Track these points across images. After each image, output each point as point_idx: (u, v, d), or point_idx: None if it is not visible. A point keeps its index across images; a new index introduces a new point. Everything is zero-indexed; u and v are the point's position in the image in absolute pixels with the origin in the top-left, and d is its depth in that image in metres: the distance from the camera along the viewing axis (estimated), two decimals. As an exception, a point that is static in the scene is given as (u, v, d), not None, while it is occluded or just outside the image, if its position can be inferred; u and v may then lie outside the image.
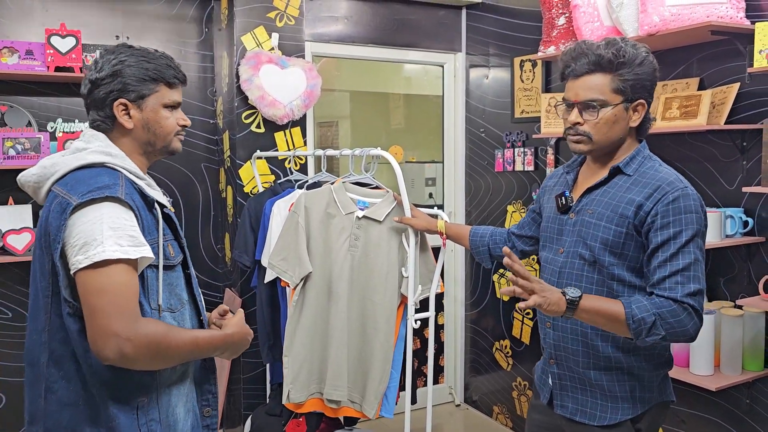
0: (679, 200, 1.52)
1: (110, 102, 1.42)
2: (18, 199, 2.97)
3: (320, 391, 2.42)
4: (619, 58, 1.55)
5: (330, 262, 2.38)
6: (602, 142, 1.61)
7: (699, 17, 2.28)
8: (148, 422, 1.36)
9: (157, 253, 1.37)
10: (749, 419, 2.41)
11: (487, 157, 3.68)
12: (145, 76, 1.43)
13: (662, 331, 1.48)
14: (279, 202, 2.69)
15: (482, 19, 3.68)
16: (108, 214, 1.29)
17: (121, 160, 1.41)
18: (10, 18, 2.98)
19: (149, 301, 1.36)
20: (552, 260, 1.72)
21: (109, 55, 1.44)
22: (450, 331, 4.00)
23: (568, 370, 1.69)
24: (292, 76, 3.14)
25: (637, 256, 1.58)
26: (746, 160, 2.39)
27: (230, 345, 1.47)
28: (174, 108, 1.50)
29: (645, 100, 1.60)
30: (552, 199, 1.76)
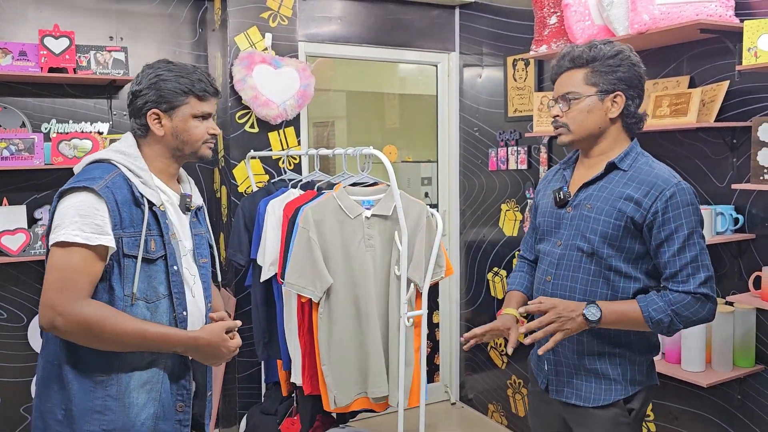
0: (676, 195, 1.61)
1: (145, 111, 1.60)
2: (12, 200, 2.97)
3: (365, 390, 2.47)
4: (592, 53, 1.68)
5: (352, 268, 2.40)
6: (580, 131, 1.71)
7: (688, 15, 2.29)
8: (104, 397, 1.50)
9: (138, 245, 1.49)
10: (741, 415, 2.42)
11: (481, 156, 3.70)
12: (177, 89, 1.59)
13: (680, 325, 1.62)
14: (273, 201, 2.70)
15: (475, 18, 3.69)
16: (81, 202, 1.45)
17: (128, 159, 1.56)
18: (4, 19, 2.99)
19: (123, 287, 1.49)
20: (550, 252, 1.78)
21: (149, 69, 1.63)
22: (445, 330, 4.01)
23: (563, 356, 1.76)
24: (285, 76, 3.15)
25: (633, 248, 1.66)
26: (736, 157, 2.41)
27: (193, 348, 1.54)
28: (204, 118, 1.64)
29: (623, 93, 1.68)
30: (549, 194, 1.83)
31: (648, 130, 2.51)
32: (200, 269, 1.69)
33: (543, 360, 1.81)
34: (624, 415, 1.71)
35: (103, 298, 1.49)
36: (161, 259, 1.55)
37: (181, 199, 1.67)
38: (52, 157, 2.88)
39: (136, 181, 1.53)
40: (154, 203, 1.55)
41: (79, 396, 1.49)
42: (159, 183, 1.62)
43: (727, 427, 2.46)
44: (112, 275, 1.49)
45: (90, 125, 3.15)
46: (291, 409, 2.87)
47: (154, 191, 1.55)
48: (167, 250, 1.55)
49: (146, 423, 1.54)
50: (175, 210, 1.65)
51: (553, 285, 1.75)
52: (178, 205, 1.66)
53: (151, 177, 1.58)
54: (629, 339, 1.71)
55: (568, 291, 1.72)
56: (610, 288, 1.68)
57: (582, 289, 1.70)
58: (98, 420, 1.49)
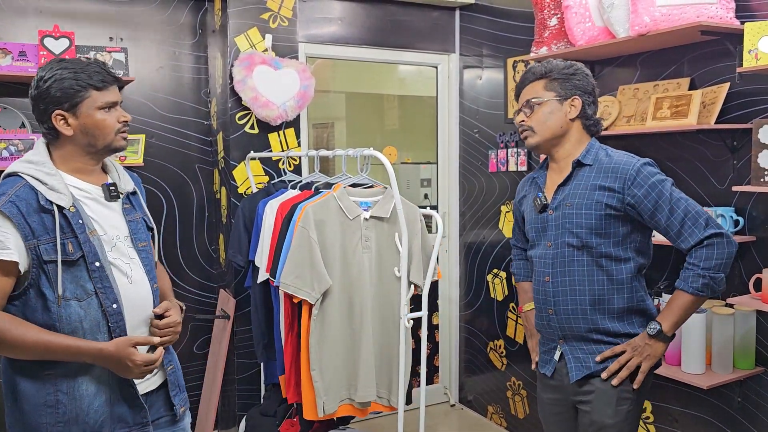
0: (641, 171, 1.80)
1: (49, 114, 1.59)
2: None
3: (350, 396, 2.45)
4: (549, 66, 1.91)
5: (348, 269, 2.39)
6: (544, 132, 1.90)
7: (689, 17, 2.29)
8: (55, 392, 1.57)
9: (56, 250, 1.53)
10: (741, 417, 2.42)
11: (481, 158, 3.69)
12: (74, 86, 1.58)
13: (720, 274, 1.76)
14: (272, 202, 2.70)
15: (475, 20, 3.69)
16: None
17: (35, 167, 1.58)
18: (4, 19, 2.99)
19: (54, 290, 1.54)
20: (543, 254, 1.94)
21: (42, 72, 1.61)
22: (444, 332, 4.01)
23: (576, 342, 1.91)
24: (285, 77, 3.14)
25: (618, 231, 1.84)
26: (736, 159, 2.40)
27: (99, 359, 1.57)
28: (111, 108, 1.63)
29: (579, 97, 1.89)
30: (529, 203, 2.02)
31: (648, 131, 2.51)
32: (140, 253, 1.70)
33: (555, 351, 1.96)
34: (628, 390, 1.85)
35: (37, 303, 1.55)
36: (82, 258, 1.57)
37: (103, 189, 1.67)
38: (51, 157, 2.87)
39: (43, 188, 1.55)
40: (64, 207, 1.56)
41: (30, 394, 1.57)
42: (75, 181, 1.63)
43: (727, 430, 2.46)
44: (40, 281, 1.54)
45: (90, 126, 3.15)
46: (290, 411, 2.86)
47: (62, 194, 1.56)
48: (84, 249, 1.57)
49: (100, 409, 1.60)
50: (98, 203, 1.65)
51: (553, 283, 1.91)
52: (102, 197, 1.66)
53: (60, 180, 1.58)
54: (632, 320, 1.88)
55: (568, 285, 1.88)
56: (605, 273, 1.85)
57: (580, 280, 1.86)
58: (51, 413, 1.57)
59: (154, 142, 3.29)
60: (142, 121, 3.27)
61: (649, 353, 1.82)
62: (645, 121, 2.57)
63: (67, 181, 1.60)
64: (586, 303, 1.86)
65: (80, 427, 1.58)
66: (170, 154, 3.35)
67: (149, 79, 3.28)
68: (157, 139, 3.28)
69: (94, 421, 1.60)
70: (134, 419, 1.66)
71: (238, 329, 3.21)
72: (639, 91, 2.69)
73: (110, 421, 1.62)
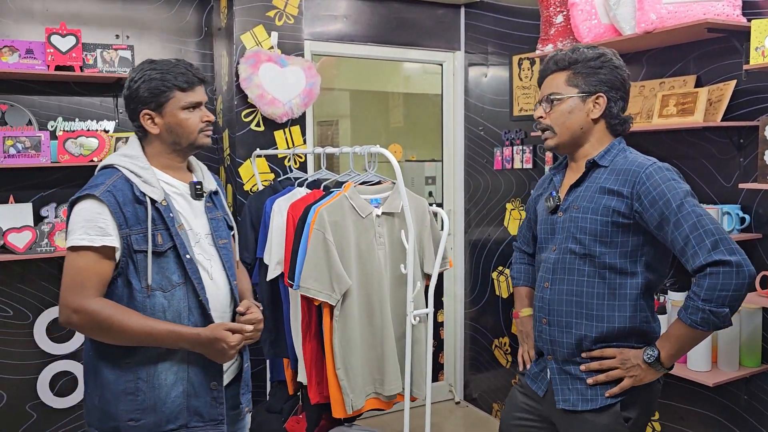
0: (653, 175, 1.60)
1: (138, 114, 1.68)
2: (19, 197, 2.98)
3: (375, 390, 2.46)
4: (574, 55, 1.71)
5: (365, 267, 2.40)
6: (563, 132, 1.73)
7: (696, 15, 2.29)
8: (135, 380, 1.61)
9: (147, 241, 1.59)
10: (747, 415, 2.42)
11: (486, 155, 3.69)
12: (160, 87, 1.65)
13: (724, 309, 1.52)
14: (279, 200, 2.70)
15: (481, 17, 3.69)
16: (85, 208, 1.58)
17: (130, 161, 1.65)
18: (11, 17, 3.00)
19: (140, 280, 1.59)
20: (547, 258, 1.79)
21: (132, 73, 1.69)
22: (449, 329, 4.01)
23: (564, 363, 1.75)
24: (291, 74, 3.15)
25: (626, 241, 1.65)
26: (743, 156, 2.40)
27: (197, 344, 1.61)
28: (195, 108, 1.69)
29: (605, 95, 1.70)
30: (543, 203, 1.87)
31: (654, 129, 2.50)
32: (220, 250, 1.75)
33: (545, 369, 1.80)
34: (620, 423, 1.67)
35: (123, 292, 1.60)
36: (171, 250, 1.62)
37: (190, 187, 1.73)
38: (58, 155, 2.88)
39: (137, 181, 1.62)
40: (156, 200, 1.62)
41: (111, 380, 1.61)
42: (165, 177, 1.70)
43: (733, 427, 2.46)
44: (128, 271, 1.59)
45: (96, 123, 3.16)
46: (296, 408, 2.87)
47: (155, 188, 1.63)
48: (176, 241, 1.62)
49: (176, 400, 1.64)
50: (185, 199, 1.71)
51: (551, 291, 1.75)
52: (189, 194, 1.73)
53: (153, 174, 1.65)
54: (630, 341, 1.70)
55: (565, 294, 1.72)
56: (606, 287, 1.66)
57: (578, 291, 1.69)
58: (131, 400, 1.61)
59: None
60: (148, 118, 3.28)
61: (636, 374, 1.63)
62: (651, 118, 2.56)
63: (158, 176, 1.68)
64: (581, 317, 1.68)
65: (156, 416, 1.62)
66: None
67: (155, 77, 3.28)
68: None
69: (171, 411, 1.63)
70: (209, 414, 1.68)
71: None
72: (645, 88, 2.68)
73: (186, 414, 1.65)
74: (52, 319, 3.09)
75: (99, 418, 1.63)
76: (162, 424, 1.62)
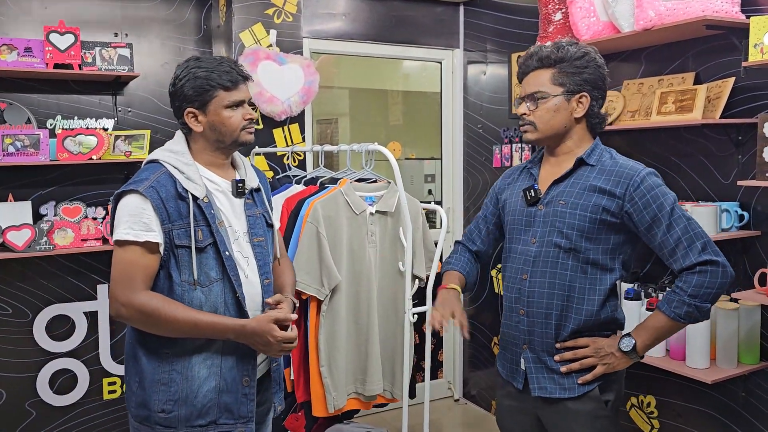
0: (646, 179, 1.68)
1: (182, 111, 1.70)
2: (18, 195, 2.98)
3: (356, 390, 2.46)
4: (560, 53, 1.73)
5: (356, 265, 2.40)
6: (546, 130, 1.76)
7: (694, 12, 2.29)
8: (170, 370, 1.65)
9: (189, 236, 1.62)
10: (745, 412, 2.42)
11: (485, 153, 3.69)
12: (204, 85, 1.66)
13: (707, 304, 1.64)
14: (277, 197, 2.70)
15: (479, 15, 3.69)
16: (130, 203, 1.61)
17: (175, 156, 1.68)
18: (9, 15, 3.00)
19: (180, 274, 1.63)
20: (524, 251, 1.80)
21: (178, 70, 1.70)
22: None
23: (540, 353, 1.78)
24: (289, 72, 3.15)
25: (609, 239, 1.72)
26: (741, 154, 2.40)
27: (242, 336, 1.64)
28: (238, 106, 1.70)
29: (588, 94, 1.74)
30: (517, 194, 1.87)
31: (653, 126, 2.50)
32: (254, 248, 1.75)
33: (519, 360, 1.82)
34: (601, 407, 1.74)
35: (164, 285, 1.64)
36: (210, 246, 1.65)
37: (232, 185, 1.74)
38: (57, 153, 2.88)
39: (180, 177, 1.64)
40: (198, 196, 1.64)
41: (148, 369, 1.65)
42: (208, 174, 1.72)
43: (731, 424, 2.46)
44: (170, 264, 1.63)
45: (95, 121, 3.16)
46: (295, 405, 2.87)
47: (197, 185, 1.65)
48: (216, 238, 1.65)
49: (208, 395, 1.66)
50: (226, 196, 1.73)
51: (530, 282, 1.77)
52: (230, 192, 1.74)
53: (196, 171, 1.67)
54: (601, 331, 1.76)
55: (547, 287, 1.74)
56: (587, 281, 1.72)
57: (561, 284, 1.73)
58: (164, 390, 1.64)
59: (159, 138, 3.29)
60: (147, 116, 3.28)
61: (609, 362, 1.71)
62: (650, 115, 2.56)
63: (201, 173, 1.69)
64: (562, 308, 1.73)
65: (188, 409, 1.64)
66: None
67: (154, 75, 3.28)
68: (162, 135, 3.28)
69: (202, 405, 1.65)
70: (239, 411, 1.70)
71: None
72: (644, 85, 2.68)
73: (216, 409, 1.67)
74: (52, 316, 3.09)
75: (136, 404, 1.67)
76: (192, 418, 1.65)
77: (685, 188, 2.60)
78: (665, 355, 2.52)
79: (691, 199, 2.58)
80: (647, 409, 2.78)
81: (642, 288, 2.59)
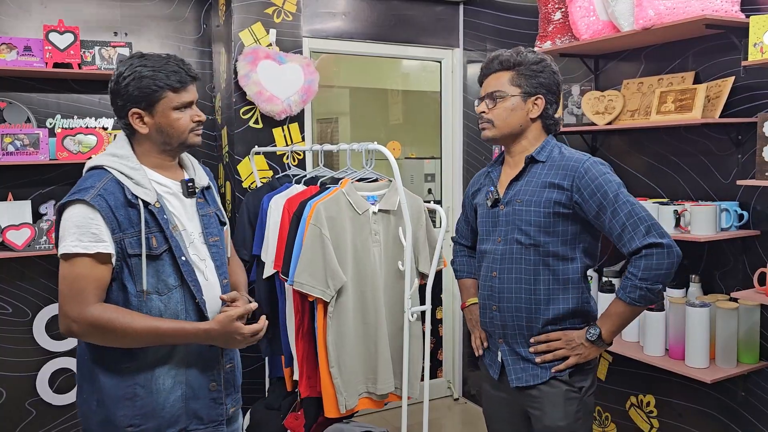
0: (590, 169, 1.76)
1: (126, 112, 1.61)
2: (18, 195, 2.98)
3: (367, 390, 2.46)
4: (519, 57, 1.85)
5: (361, 265, 2.40)
6: (503, 127, 1.87)
7: (694, 11, 2.29)
8: (133, 385, 1.58)
9: (141, 244, 1.55)
10: (744, 411, 2.42)
11: (485, 152, 3.69)
12: (152, 85, 1.58)
13: (658, 285, 1.71)
14: (276, 197, 2.70)
15: (479, 14, 3.69)
16: (76, 214, 1.52)
17: (120, 161, 1.59)
18: (9, 14, 3.00)
19: (135, 284, 1.56)
20: (492, 250, 1.91)
21: (121, 67, 1.61)
22: (448, 326, 4.01)
23: (514, 345, 1.89)
24: (289, 71, 3.15)
25: (567, 230, 1.80)
26: (741, 153, 2.40)
27: (207, 339, 1.61)
28: (186, 107, 1.64)
29: (543, 97, 1.85)
30: (483, 197, 1.99)
31: (653, 126, 2.50)
32: (210, 249, 1.72)
33: (496, 352, 1.93)
34: (573, 390, 1.83)
35: (118, 297, 1.56)
36: (166, 252, 1.59)
37: (182, 185, 1.69)
38: (57, 152, 2.89)
39: (129, 183, 1.57)
40: (149, 202, 1.57)
41: (108, 386, 1.58)
42: (157, 176, 1.65)
43: (731, 424, 2.46)
44: (123, 275, 1.56)
45: (95, 120, 3.16)
46: (295, 404, 2.88)
47: (147, 190, 1.58)
48: (171, 244, 1.59)
49: (176, 404, 1.62)
50: (177, 198, 1.67)
51: (500, 279, 1.87)
52: (181, 192, 1.69)
53: (144, 175, 1.60)
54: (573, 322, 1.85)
55: (514, 282, 1.85)
56: (551, 273, 1.81)
57: (527, 279, 1.83)
58: (129, 406, 1.58)
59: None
60: (146, 115, 3.28)
61: (581, 352, 1.81)
62: (649, 115, 2.56)
63: (149, 176, 1.62)
64: (530, 302, 1.82)
65: (156, 421, 1.60)
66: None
67: (154, 74, 3.28)
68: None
69: (171, 415, 1.61)
70: (209, 416, 1.67)
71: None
72: (643, 85, 2.68)
73: (185, 417, 1.64)
74: (51, 316, 3.10)
75: (99, 423, 1.60)
76: (162, 429, 1.60)
77: (684, 187, 2.60)
78: (665, 355, 2.52)
79: (691, 199, 2.58)
80: (647, 408, 2.78)
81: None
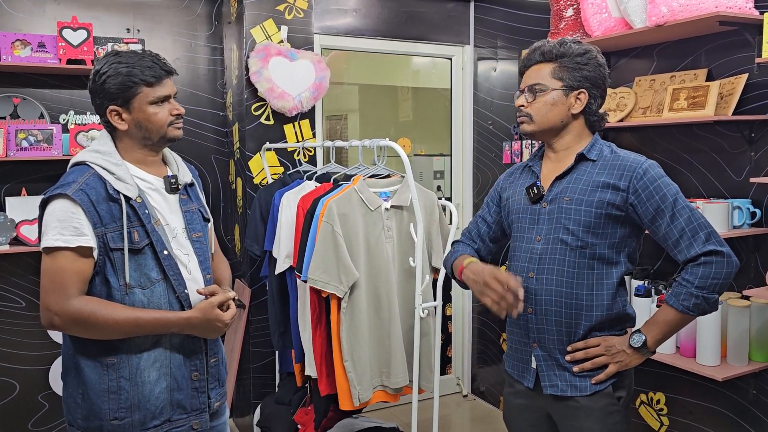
0: (649, 171, 1.67)
1: (104, 109, 1.63)
2: (31, 190, 3.01)
3: (382, 383, 2.47)
4: (562, 49, 1.73)
5: (373, 260, 2.41)
6: (542, 122, 1.76)
7: (707, 7, 2.28)
8: (118, 378, 1.60)
9: (123, 238, 1.57)
10: (756, 410, 2.42)
11: (495, 150, 3.69)
12: (126, 82, 1.60)
13: (714, 295, 1.63)
14: (288, 193, 2.72)
15: (490, 11, 3.68)
16: (58, 208, 1.54)
17: (102, 157, 1.61)
18: (23, 11, 3.02)
19: (117, 278, 1.58)
20: (529, 249, 1.80)
21: (98, 65, 1.63)
22: (457, 323, 4.02)
23: (551, 350, 1.76)
24: (300, 68, 3.16)
25: (615, 233, 1.71)
26: (754, 151, 2.39)
27: (188, 328, 1.63)
28: (164, 101, 1.65)
29: (587, 91, 1.74)
30: (520, 192, 1.86)
31: (665, 123, 2.50)
32: (194, 244, 1.72)
33: (530, 358, 1.81)
34: (614, 403, 1.72)
35: (102, 291, 1.58)
36: (148, 246, 1.61)
37: (165, 181, 1.70)
38: (70, 148, 2.91)
39: (110, 178, 1.58)
40: (130, 197, 1.59)
41: (93, 379, 1.60)
42: (139, 172, 1.66)
43: (742, 422, 2.46)
44: (105, 269, 1.58)
45: (107, 117, 3.18)
46: (305, 399, 2.89)
47: (129, 185, 1.60)
48: (152, 238, 1.61)
49: (161, 396, 1.64)
50: (160, 194, 1.69)
51: (537, 280, 1.76)
52: (164, 189, 1.70)
53: (127, 170, 1.62)
54: (612, 328, 1.75)
55: (555, 284, 1.73)
56: (594, 277, 1.72)
57: (568, 282, 1.72)
58: (114, 399, 1.59)
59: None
60: (158, 112, 3.30)
61: (621, 360, 1.70)
62: (661, 112, 2.56)
63: (132, 172, 1.64)
64: (571, 306, 1.72)
65: (141, 414, 1.61)
66: (186, 145, 3.38)
67: (166, 71, 3.30)
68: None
69: (155, 407, 1.63)
70: (192, 405, 1.69)
71: (253, 318, 3.24)
72: (656, 82, 2.67)
73: (169, 408, 1.66)
74: (64, 310, 3.12)
75: (83, 416, 1.61)
76: (147, 421, 1.62)
77: (696, 185, 2.59)
78: (675, 352, 2.51)
79: (703, 196, 2.57)
80: (657, 406, 2.78)
81: (652, 285, 2.59)
